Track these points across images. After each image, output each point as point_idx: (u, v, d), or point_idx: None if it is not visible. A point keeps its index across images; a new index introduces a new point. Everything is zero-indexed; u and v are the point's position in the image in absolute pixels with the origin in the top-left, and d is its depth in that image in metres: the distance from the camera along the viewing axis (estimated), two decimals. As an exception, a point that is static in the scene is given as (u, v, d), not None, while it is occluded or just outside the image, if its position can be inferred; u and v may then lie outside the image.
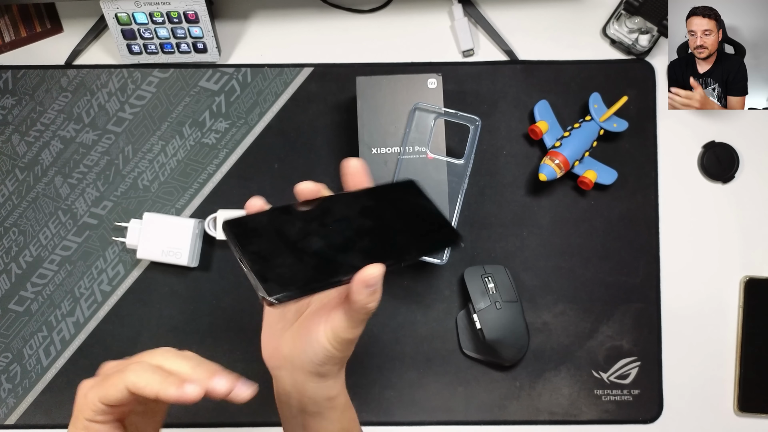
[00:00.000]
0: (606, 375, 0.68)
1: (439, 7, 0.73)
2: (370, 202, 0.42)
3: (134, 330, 0.69)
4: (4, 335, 0.69)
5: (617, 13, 0.71)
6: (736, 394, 0.68)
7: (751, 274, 0.69)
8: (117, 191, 0.70)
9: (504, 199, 0.70)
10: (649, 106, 0.71)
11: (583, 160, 0.69)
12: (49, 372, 0.69)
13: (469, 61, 0.72)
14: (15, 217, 0.70)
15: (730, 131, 0.71)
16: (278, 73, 0.71)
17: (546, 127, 0.68)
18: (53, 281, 0.69)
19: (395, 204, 0.42)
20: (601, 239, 0.70)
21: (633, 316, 0.69)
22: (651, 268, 0.69)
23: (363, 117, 0.64)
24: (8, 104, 0.71)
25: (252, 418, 0.68)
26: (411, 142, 0.63)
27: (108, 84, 0.71)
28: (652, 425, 0.68)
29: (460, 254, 0.69)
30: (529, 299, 0.69)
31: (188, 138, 0.71)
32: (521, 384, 0.68)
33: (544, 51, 0.72)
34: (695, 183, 0.71)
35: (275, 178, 0.70)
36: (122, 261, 0.70)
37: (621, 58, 0.72)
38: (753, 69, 0.66)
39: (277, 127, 0.71)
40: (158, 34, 0.69)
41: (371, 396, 0.68)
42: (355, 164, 0.42)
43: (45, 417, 0.68)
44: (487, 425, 0.68)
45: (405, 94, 0.64)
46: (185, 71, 0.72)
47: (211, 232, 0.68)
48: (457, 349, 0.68)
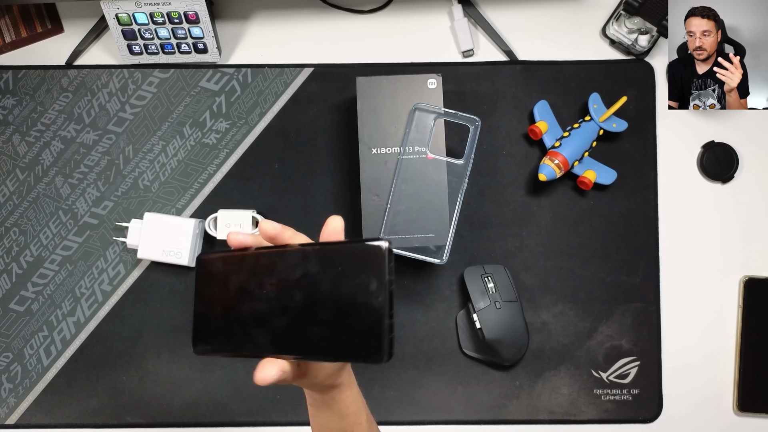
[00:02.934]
0: (605, 374, 0.68)
1: (439, 7, 0.73)
2: (315, 268, 0.35)
3: (135, 330, 0.69)
4: (5, 335, 0.69)
5: (617, 13, 0.71)
6: (736, 394, 0.68)
7: (751, 274, 0.69)
8: (118, 191, 0.70)
9: (504, 199, 0.70)
10: (649, 107, 0.71)
11: (583, 160, 0.69)
12: (50, 372, 0.69)
13: (468, 61, 0.72)
14: (16, 217, 0.70)
15: (729, 131, 0.71)
16: (278, 73, 0.72)
17: (545, 127, 0.68)
18: (54, 281, 0.70)
19: (342, 279, 0.34)
20: (601, 239, 0.70)
21: (632, 316, 0.69)
22: (650, 268, 0.69)
23: (363, 117, 0.64)
24: (9, 104, 0.71)
25: (252, 418, 0.68)
26: (411, 142, 0.63)
27: (108, 84, 0.72)
28: (652, 425, 0.68)
29: (460, 254, 0.69)
30: (529, 299, 0.69)
31: (189, 138, 0.71)
32: (521, 383, 0.68)
33: (543, 51, 0.72)
34: (695, 183, 0.71)
35: (275, 178, 0.70)
36: (123, 261, 0.70)
37: (620, 59, 0.72)
38: (753, 69, 0.66)
39: (277, 127, 0.71)
40: (159, 34, 0.69)
41: (371, 395, 0.68)
42: (335, 224, 0.38)
43: (46, 416, 0.68)
44: (486, 425, 0.68)
45: (405, 94, 0.64)
46: (186, 71, 0.72)
47: (212, 232, 0.68)
48: (457, 348, 0.69)
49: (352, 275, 0.33)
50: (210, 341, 0.38)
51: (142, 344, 0.69)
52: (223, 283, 0.38)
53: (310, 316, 0.34)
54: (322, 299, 0.34)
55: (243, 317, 0.37)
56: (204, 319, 0.38)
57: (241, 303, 0.37)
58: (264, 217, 0.68)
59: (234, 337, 0.37)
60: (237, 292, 0.37)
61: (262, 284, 0.36)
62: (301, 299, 0.35)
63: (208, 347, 0.38)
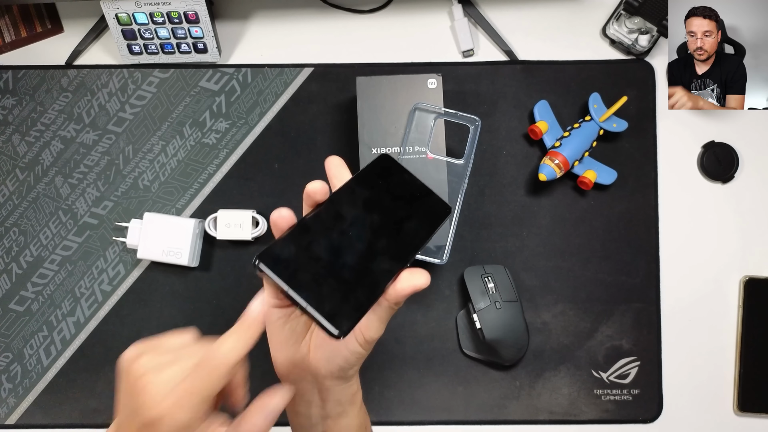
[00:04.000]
0: (606, 375, 0.68)
1: (439, 7, 0.73)
2: (366, 193, 0.41)
3: (134, 330, 0.69)
4: (5, 335, 0.69)
5: (617, 13, 0.71)
6: (736, 394, 0.68)
7: (751, 274, 0.69)
8: (117, 191, 0.70)
9: (504, 199, 0.70)
10: (649, 106, 0.71)
11: (583, 160, 0.69)
12: (50, 372, 0.69)
13: (469, 61, 0.72)
14: (15, 217, 0.70)
15: (729, 131, 0.71)
16: (278, 73, 0.72)
17: (546, 127, 0.68)
18: (54, 281, 0.70)
19: (388, 186, 0.42)
20: (601, 239, 0.70)
21: (633, 316, 0.69)
22: (651, 268, 0.69)
23: (363, 117, 0.64)
24: (9, 104, 0.71)
25: (252, 417, 0.68)
26: (411, 142, 0.63)
27: (108, 84, 0.71)
28: (652, 425, 0.68)
29: (460, 254, 0.69)
30: (529, 299, 0.69)
31: (188, 138, 0.71)
32: (521, 384, 0.68)
33: (544, 51, 0.72)
34: (695, 183, 0.71)
35: (275, 178, 0.70)
36: (123, 261, 0.70)
37: (621, 58, 0.72)
38: (753, 69, 0.66)
39: (277, 127, 0.71)
40: (159, 34, 0.69)
41: (371, 396, 0.68)
42: (335, 162, 0.42)
43: (45, 417, 0.68)
44: (486, 425, 0.68)
45: (405, 94, 0.64)
46: (185, 71, 0.72)
47: (212, 232, 0.68)
48: (457, 348, 0.68)
49: (390, 176, 0.43)
50: (349, 313, 0.35)
51: (141, 344, 0.69)
52: (314, 259, 0.37)
53: (396, 222, 0.40)
54: (391, 205, 0.41)
55: (360, 267, 0.37)
56: (325, 304, 0.35)
57: (347, 258, 0.37)
58: (264, 217, 0.68)
59: (366, 287, 0.37)
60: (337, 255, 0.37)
61: (346, 233, 0.39)
62: (380, 217, 0.40)
63: (352, 320, 0.35)
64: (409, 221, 0.41)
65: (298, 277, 0.35)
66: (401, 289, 0.37)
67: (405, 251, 0.39)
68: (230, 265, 0.69)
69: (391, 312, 0.39)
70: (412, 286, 0.37)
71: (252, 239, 0.68)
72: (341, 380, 0.42)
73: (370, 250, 0.38)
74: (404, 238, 0.40)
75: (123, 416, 0.37)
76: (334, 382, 0.42)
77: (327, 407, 0.43)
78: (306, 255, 0.36)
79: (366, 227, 0.39)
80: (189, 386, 0.34)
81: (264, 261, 0.35)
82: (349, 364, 0.41)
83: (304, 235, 0.37)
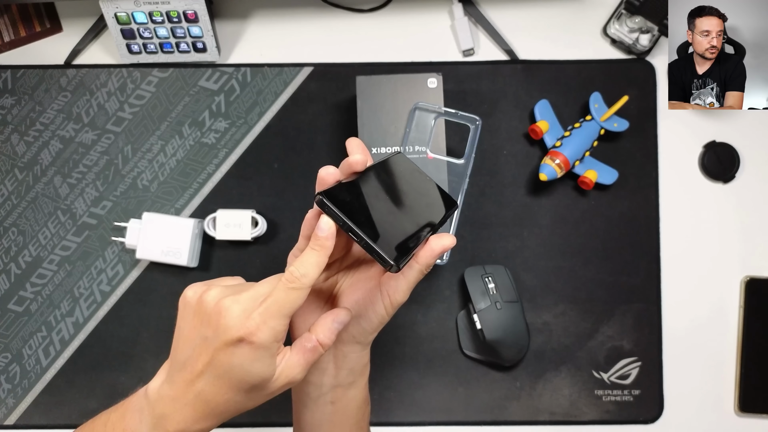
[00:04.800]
0: (606, 375, 0.68)
1: (439, 6, 0.73)
2: (392, 175, 0.46)
3: (134, 330, 0.68)
4: (4, 335, 0.69)
5: (618, 12, 0.70)
6: (737, 394, 0.68)
7: (752, 274, 0.69)
8: (116, 191, 0.70)
9: (504, 199, 0.70)
10: (650, 106, 0.71)
11: (584, 160, 0.68)
12: (49, 372, 0.68)
13: (469, 60, 0.72)
14: (14, 217, 0.70)
15: (730, 131, 0.71)
16: (278, 72, 0.71)
17: (546, 126, 0.68)
18: (52, 281, 0.69)
19: (404, 176, 0.47)
20: (602, 239, 0.69)
21: (633, 317, 0.69)
22: (651, 268, 0.69)
23: (363, 117, 0.64)
24: (7, 104, 0.71)
25: (252, 418, 0.68)
26: (411, 141, 0.63)
27: (107, 83, 0.71)
28: (653, 425, 0.68)
29: (460, 254, 0.69)
30: (530, 299, 0.69)
31: (188, 138, 0.71)
32: (521, 384, 0.68)
33: (544, 50, 0.72)
34: (696, 183, 0.71)
35: (275, 178, 0.70)
36: (122, 261, 0.69)
37: (621, 58, 0.72)
38: (753, 69, 0.66)
39: (276, 126, 0.71)
40: (158, 33, 0.68)
41: (371, 396, 0.67)
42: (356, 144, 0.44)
43: (44, 417, 0.68)
44: (487, 426, 0.68)
45: (405, 93, 0.64)
46: (185, 71, 0.71)
47: (211, 232, 0.68)
48: (458, 349, 0.68)
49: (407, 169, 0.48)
50: (402, 250, 0.39)
51: (141, 345, 0.68)
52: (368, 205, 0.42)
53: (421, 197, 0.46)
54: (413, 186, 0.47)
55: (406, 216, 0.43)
56: (381, 241, 0.39)
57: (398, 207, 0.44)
58: (263, 217, 0.68)
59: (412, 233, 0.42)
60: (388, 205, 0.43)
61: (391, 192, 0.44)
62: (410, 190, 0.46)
63: (406, 257, 0.40)
64: (428, 203, 0.46)
65: (355, 216, 0.39)
66: (431, 250, 0.41)
67: (430, 223, 0.44)
68: (230, 266, 0.69)
69: (419, 276, 0.43)
70: (441, 245, 0.41)
71: (251, 239, 0.68)
72: (359, 345, 0.45)
73: (405, 213, 0.43)
74: (426, 215, 0.45)
75: (190, 348, 0.40)
76: (351, 348, 0.45)
77: (340, 375, 0.46)
78: (358, 202, 0.41)
79: (399, 197, 0.45)
80: (273, 304, 0.38)
81: (327, 198, 0.39)
82: (373, 327, 0.44)
83: (353, 189, 0.42)
